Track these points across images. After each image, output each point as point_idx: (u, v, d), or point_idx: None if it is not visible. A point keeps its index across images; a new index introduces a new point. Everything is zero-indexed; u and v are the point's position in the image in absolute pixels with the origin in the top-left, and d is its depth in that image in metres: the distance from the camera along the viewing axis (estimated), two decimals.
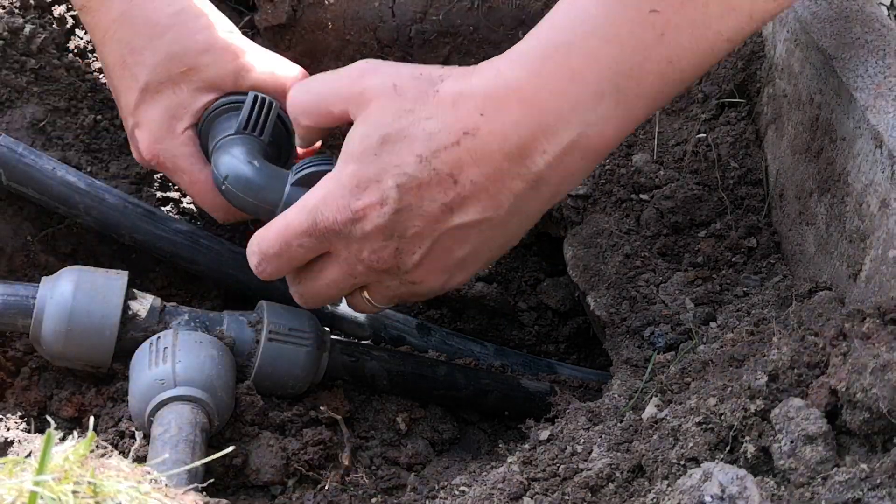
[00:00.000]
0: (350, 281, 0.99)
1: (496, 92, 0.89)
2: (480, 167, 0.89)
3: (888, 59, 1.03)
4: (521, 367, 1.33)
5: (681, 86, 0.93)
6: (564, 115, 0.87)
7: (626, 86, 0.87)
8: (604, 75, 0.87)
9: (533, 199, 0.92)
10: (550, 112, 0.87)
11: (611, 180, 1.31)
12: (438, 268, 0.96)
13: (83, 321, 1.04)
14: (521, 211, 0.93)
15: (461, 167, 0.89)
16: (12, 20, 1.22)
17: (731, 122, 1.27)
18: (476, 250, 0.95)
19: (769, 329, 0.94)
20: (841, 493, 0.70)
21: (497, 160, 0.88)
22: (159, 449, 0.94)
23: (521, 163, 0.89)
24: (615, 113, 0.88)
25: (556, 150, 0.88)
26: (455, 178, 0.90)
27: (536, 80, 0.88)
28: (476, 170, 0.89)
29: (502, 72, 0.90)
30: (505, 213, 0.92)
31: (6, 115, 1.21)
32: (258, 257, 1.00)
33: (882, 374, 0.72)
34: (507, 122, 0.88)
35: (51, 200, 1.16)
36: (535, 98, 0.88)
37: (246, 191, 1.05)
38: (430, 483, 1.02)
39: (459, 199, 0.91)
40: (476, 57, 1.37)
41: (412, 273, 0.96)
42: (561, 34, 0.89)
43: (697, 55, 0.89)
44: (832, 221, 1.06)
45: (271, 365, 1.10)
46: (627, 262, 1.24)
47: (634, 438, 0.91)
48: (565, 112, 0.87)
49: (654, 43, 0.86)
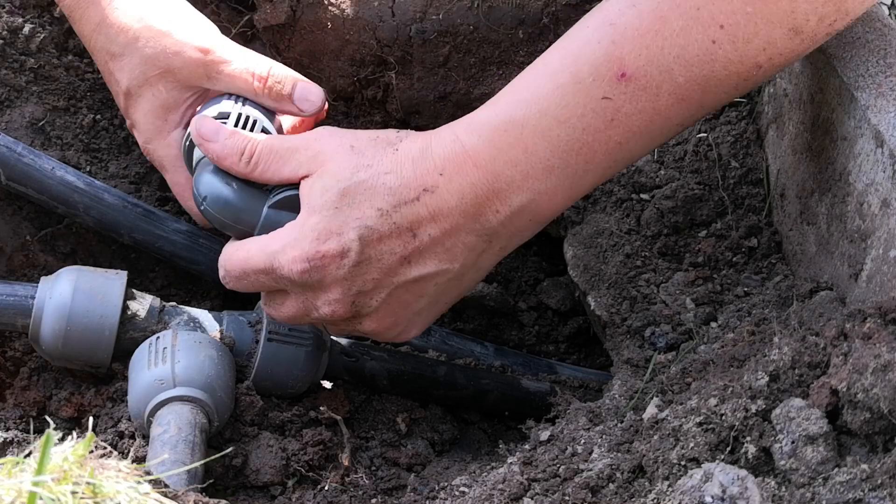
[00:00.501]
0: (307, 318, 1.03)
1: (454, 156, 0.95)
2: (438, 222, 0.95)
3: (889, 59, 1.03)
4: (521, 367, 1.33)
5: (630, 161, 1.04)
6: (516, 182, 0.95)
7: (576, 162, 0.94)
8: (554, 152, 0.94)
9: (485, 252, 0.99)
10: (503, 179, 0.94)
11: (611, 180, 1.31)
12: (393, 318, 1.01)
13: (82, 321, 1.04)
14: (475, 264, 0.99)
15: (420, 222, 0.95)
16: (12, 19, 1.22)
17: (732, 121, 1.27)
18: (431, 303, 1.01)
19: (770, 329, 0.94)
20: (842, 493, 0.70)
21: (454, 216, 0.95)
22: (158, 449, 0.94)
23: (475, 219, 0.95)
24: (563, 184, 0.96)
25: (507, 211, 0.96)
26: (414, 231, 0.95)
27: (492, 150, 0.95)
28: (434, 225, 0.95)
29: (460, 138, 0.96)
30: (460, 266, 0.98)
31: (5, 114, 1.21)
32: (223, 272, 1.04)
33: (883, 375, 0.72)
34: (465, 182, 0.95)
35: (50, 200, 1.15)
36: (490, 165, 0.94)
37: (223, 212, 1.04)
38: (430, 483, 1.02)
39: (417, 252, 0.96)
40: (476, 56, 1.37)
41: (367, 321, 1.01)
42: (517, 109, 0.95)
43: (646, 138, 0.95)
44: (833, 221, 1.06)
45: (271, 365, 1.10)
46: (628, 261, 1.24)
47: (635, 439, 0.91)
48: (517, 180, 0.95)
49: (603, 127, 0.93)
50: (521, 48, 1.37)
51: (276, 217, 1.00)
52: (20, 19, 1.22)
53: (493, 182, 0.94)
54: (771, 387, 0.80)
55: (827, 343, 0.82)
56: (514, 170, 0.94)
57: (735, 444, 0.79)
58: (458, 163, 0.95)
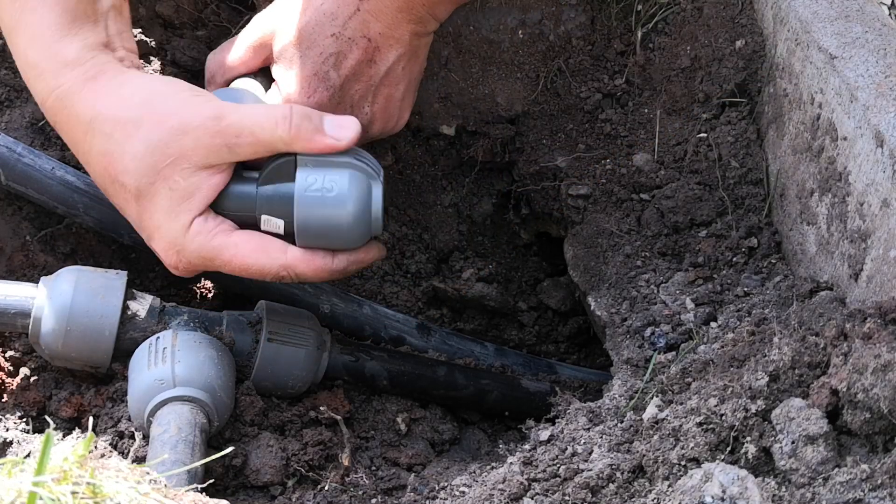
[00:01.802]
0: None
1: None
2: (381, 20, 1.12)
3: (889, 59, 1.03)
4: (521, 367, 1.33)
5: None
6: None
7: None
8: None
9: (423, 32, 1.16)
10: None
11: (611, 180, 1.31)
12: (387, 113, 1.18)
13: (82, 321, 1.04)
14: (420, 43, 1.17)
15: (367, 26, 1.11)
16: None
17: (732, 121, 1.27)
18: (406, 86, 1.18)
19: (770, 329, 0.94)
20: (842, 493, 0.70)
21: (391, 11, 1.11)
22: (158, 449, 0.94)
23: (409, 11, 1.12)
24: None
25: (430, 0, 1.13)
26: (366, 36, 1.12)
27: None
28: (379, 24, 1.12)
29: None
30: (410, 46, 1.15)
31: (5, 114, 1.21)
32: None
33: (883, 375, 0.72)
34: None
35: (50, 200, 1.15)
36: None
37: (228, 208, 1.03)
38: (430, 483, 1.02)
39: (376, 50, 1.13)
40: (476, 57, 1.37)
41: (371, 128, 1.17)
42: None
43: None
44: (833, 221, 1.06)
45: (271, 365, 1.10)
46: (628, 262, 1.24)
47: (635, 439, 0.91)
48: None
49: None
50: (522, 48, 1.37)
51: (268, 191, 1.02)
52: None
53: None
54: (771, 387, 0.80)
55: (827, 343, 0.82)
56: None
57: (735, 444, 0.79)
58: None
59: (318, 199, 1.00)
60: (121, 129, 0.99)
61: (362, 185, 1.01)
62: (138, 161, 0.99)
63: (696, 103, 1.30)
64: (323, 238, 1.02)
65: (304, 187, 1.00)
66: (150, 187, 0.99)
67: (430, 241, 1.47)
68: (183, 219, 1.00)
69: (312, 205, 1.00)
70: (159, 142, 0.98)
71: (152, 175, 0.99)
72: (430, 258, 1.46)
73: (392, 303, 1.40)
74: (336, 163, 1.01)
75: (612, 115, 1.35)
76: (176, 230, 1.00)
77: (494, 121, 1.40)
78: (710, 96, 1.28)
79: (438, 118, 1.41)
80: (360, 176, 1.02)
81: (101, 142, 1.00)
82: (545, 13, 1.35)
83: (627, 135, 1.34)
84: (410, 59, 1.16)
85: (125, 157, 0.99)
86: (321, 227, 1.01)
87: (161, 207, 1.00)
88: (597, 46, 1.36)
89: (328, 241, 1.02)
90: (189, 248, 1.01)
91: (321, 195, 1.00)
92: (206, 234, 1.01)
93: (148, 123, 0.99)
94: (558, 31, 1.36)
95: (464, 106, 1.40)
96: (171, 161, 0.98)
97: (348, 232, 1.01)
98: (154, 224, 1.01)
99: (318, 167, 1.01)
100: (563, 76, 1.37)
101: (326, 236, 1.02)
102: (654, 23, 1.33)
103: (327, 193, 1.00)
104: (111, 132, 0.99)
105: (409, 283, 1.43)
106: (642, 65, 1.34)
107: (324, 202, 1.00)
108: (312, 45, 1.11)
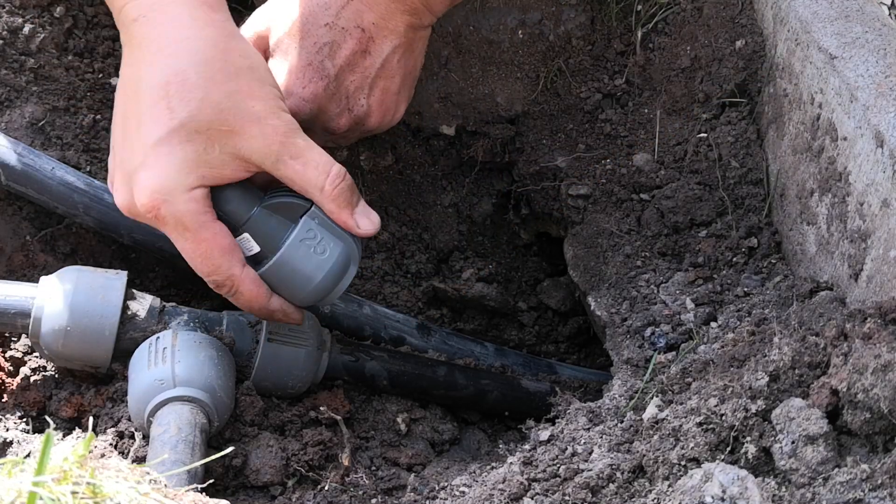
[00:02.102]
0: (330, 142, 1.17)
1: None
2: (374, 10, 1.12)
3: (889, 59, 1.03)
4: (521, 367, 1.33)
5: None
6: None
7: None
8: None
9: (419, 25, 1.16)
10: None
11: (611, 180, 1.31)
12: (384, 106, 1.17)
13: (82, 321, 1.04)
14: (416, 35, 1.16)
15: (361, 16, 1.12)
16: (12, 19, 1.22)
17: (732, 121, 1.27)
18: (402, 78, 1.17)
19: (770, 329, 0.94)
20: (842, 493, 0.70)
21: (385, 2, 1.12)
22: (158, 449, 0.94)
23: (403, 2, 1.12)
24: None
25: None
26: (360, 26, 1.12)
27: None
28: (372, 14, 1.12)
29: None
30: (405, 38, 1.14)
31: (5, 114, 1.21)
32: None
33: (883, 375, 0.72)
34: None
35: (50, 200, 1.15)
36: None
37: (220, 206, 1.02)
38: (430, 483, 1.02)
39: (370, 41, 1.13)
40: (476, 57, 1.37)
41: (367, 120, 1.17)
42: None
43: None
44: (833, 221, 1.06)
45: (271, 365, 1.10)
46: (628, 262, 1.24)
47: (635, 439, 0.91)
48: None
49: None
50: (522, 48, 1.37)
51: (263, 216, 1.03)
52: (20, 19, 1.22)
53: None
54: (771, 387, 0.80)
55: (827, 343, 0.82)
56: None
57: (735, 444, 0.79)
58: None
59: (307, 254, 1.03)
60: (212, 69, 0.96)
61: (346, 262, 1.05)
62: (203, 104, 0.95)
63: (696, 103, 1.30)
64: (285, 284, 1.04)
65: (302, 236, 1.03)
66: (192, 133, 0.95)
67: (430, 241, 1.47)
68: (193, 179, 0.96)
69: (300, 255, 1.03)
70: (235, 107, 0.96)
71: (203, 125, 0.95)
72: (430, 258, 1.46)
73: (392, 303, 1.40)
74: (337, 231, 1.04)
75: (612, 115, 1.35)
76: (179, 183, 0.96)
77: (494, 121, 1.40)
78: (710, 96, 1.28)
79: (438, 118, 1.41)
80: (348, 253, 1.05)
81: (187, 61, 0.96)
82: (545, 13, 1.35)
83: (627, 135, 1.34)
84: (406, 51, 1.16)
85: (197, 89, 0.95)
86: (291, 277, 1.03)
87: (184, 156, 0.95)
88: (597, 46, 1.36)
89: (286, 289, 1.04)
90: (177, 205, 0.96)
91: (312, 251, 1.03)
92: (200, 205, 0.97)
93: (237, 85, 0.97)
94: (558, 31, 1.36)
95: (464, 106, 1.40)
96: (228, 130, 0.96)
97: (309, 293, 1.04)
98: (161, 162, 0.96)
99: (323, 227, 1.03)
100: (563, 76, 1.37)
101: (288, 286, 1.04)
102: (654, 23, 1.33)
103: (318, 254, 1.03)
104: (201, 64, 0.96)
105: (409, 283, 1.43)
106: (642, 65, 1.34)
107: (310, 259, 1.03)
108: (307, 35, 1.12)
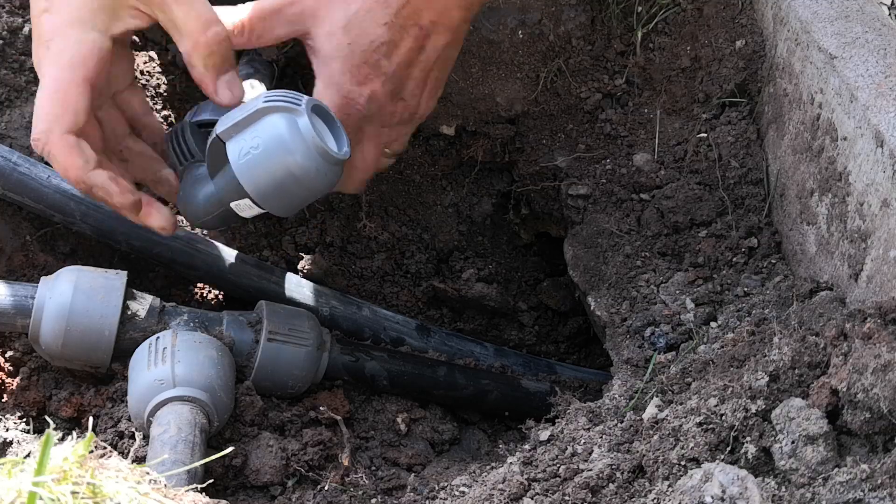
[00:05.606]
0: (379, 149, 1.15)
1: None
2: (433, 8, 1.11)
3: (889, 59, 1.03)
4: (521, 367, 1.33)
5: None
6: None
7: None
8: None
9: (469, 17, 1.15)
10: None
11: (611, 180, 1.31)
12: (433, 97, 1.18)
13: (82, 321, 1.04)
14: (465, 27, 1.16)
15: (420, 14, 1.10)
16: (11, 19, 1.22)
17: (732, 121, 1.27)
18: (446, 67, 1.17)
19: (770, 329, 0.94)
20: (842, 493, 0.70)
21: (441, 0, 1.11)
22: (158, 449, 0.94)
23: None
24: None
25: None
26: (419, 24, 1.10)
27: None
28: (431, 12, 1.11)
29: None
30: (456, 34, 1.14)
31: (5, 114, 1.21)
32: None
33: (883, 375, 0.72)
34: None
35: (47, 209, 1.15)
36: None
37: (207, 213, 1.03)
38: (430, 483, 1.02)
39: (426, 37, 1.12)
40: (476, 57, 1.37)
41: (420, 111, 1.16)
42: None
43: None
44: (833, 221, 1.06)
45: (271, 365, 1.10)
46: (628, 262, 1.24)
47: (635, 439, 0.91)
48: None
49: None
50: (521, 48, 1.37)
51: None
52: (20, 19, 1.22)
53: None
54: (771, 387, 0.80)
55: (827, 343, 0.82)
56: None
57: (735, 444, 0.79)
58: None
59: (252, 162, 0.97)
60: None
61: (280, 125, 0.97)
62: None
63: (696, 103, 1.30)
64: (284, 192, 0.98)
65: (237, 157, 0.97)
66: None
67: (430, 241, 1.47)
68: (99, 22, 0.98)
69: (250, 169, 0.97)
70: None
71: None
72: (430, 258, 1.46)
73: (392, 303, 1.40)
74: (251, 118, 0.98)
75: (612, 115, 1.35)
76: (84, 22, 0.97)
77: (494, 121, 1.40)
78: (711, 96, 1.29)
79: (438, 118, 1.41)
80: (275, 118, 0.97)
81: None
82: (545, 13, 1.35)
83: (627, 135, 1.34)
84: (456, 43, 1.16)
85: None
86: (273, 184, 0.97)
87: (91, 4, 0.97)
88: (597, 46, 1.36)
89: (291, 193, 0.99)
90: (69, 40, 0.97)
91: (252, 156, 0.97)
92: (92, 50, 0.97)
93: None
94: (558, 31, 1.36)
95: (464, 106, 1.40)
96: None
97: (300, 174, 0.98)
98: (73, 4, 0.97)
99: (240, 132, 0.98)
100: (563, 76, 1.37)
101: (285, 188, 0.98)
102: (655, 23, 1.33)
103: (255, 151, 0.97)
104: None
105: (409, 284, 1.43)
106: (642, 65, 1.34)
107: (257, 162, 0.97)
108: (363, 33, 1.08)
